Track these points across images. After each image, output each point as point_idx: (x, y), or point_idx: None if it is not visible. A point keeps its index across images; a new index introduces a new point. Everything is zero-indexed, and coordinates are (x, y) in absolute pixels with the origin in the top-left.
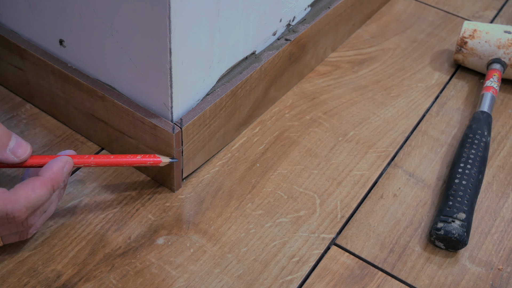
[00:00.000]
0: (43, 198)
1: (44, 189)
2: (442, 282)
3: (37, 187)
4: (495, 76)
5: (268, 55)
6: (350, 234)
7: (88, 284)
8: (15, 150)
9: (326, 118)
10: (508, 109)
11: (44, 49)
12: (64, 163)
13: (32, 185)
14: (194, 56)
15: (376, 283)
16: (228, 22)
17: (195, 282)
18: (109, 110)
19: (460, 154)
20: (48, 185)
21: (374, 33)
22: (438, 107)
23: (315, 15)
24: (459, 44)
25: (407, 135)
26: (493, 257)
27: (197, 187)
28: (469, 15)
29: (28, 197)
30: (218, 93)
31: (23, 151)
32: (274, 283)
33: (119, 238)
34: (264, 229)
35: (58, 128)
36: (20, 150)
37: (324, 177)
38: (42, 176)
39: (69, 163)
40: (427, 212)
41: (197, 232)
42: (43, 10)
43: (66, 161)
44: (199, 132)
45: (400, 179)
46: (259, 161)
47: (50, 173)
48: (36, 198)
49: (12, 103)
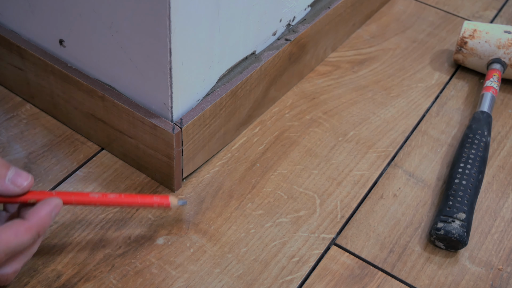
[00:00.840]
0: (25, 244)
1: (28, 235)
2: (442, 282)
3: (21, 233)
4: (495, 76)
5: (268, 55)
6: (350, 234)
7: (88, 284)
8: (15, 179)
9: (326, 118)
10: (508, 109)
11: (44, 49)
12: (53, 207)
13: (16, 230)
14: (194, 56)
15: (376, 283)
16: (228, 22)
17: (195, 282)
18: (109, 110)
19: (460, 154)
20: (33, 232)
21: (374, 33)
22: (438, 107)
23: (315, 15)
24: (459, 44)
25: (407, 135)
26: (493, 257)
27: (197, 187)
28: (469, 15)
29: (9, 243)
30: (218, 93)
31: (23, 179)
32: (274, 283)
33: (119, 238)
34: (264, 229)
35: (58, 128)
36: (20, 179)
37: (324, 177)
38: (28, 220)
39: (58, 206)
40: (427, 212)
41: (197, 232)
42: (43, 10)
43: (55, 205)
44: (199, 132)
45: (400, 179)
46: (259, 161)
47: (37, 218)
48: (18, 245)
49: (12, 103)
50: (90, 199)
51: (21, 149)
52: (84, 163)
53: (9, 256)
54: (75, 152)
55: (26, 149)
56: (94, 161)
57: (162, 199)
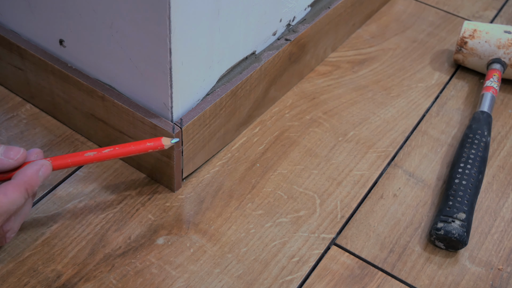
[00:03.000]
0: (17, 202)
1: (16, 192)
2: (442, 282)
3: (10, 191)
4: (495, 76)
5: (268, 55)
6: (350, 234)
7: (88, 284)
8: (7, 153)
9: (326, 118)
10: (508, 109)
11: (44, 49)
12: (39, 166)
13: (4, 190)
14: (194, 56)
15: (376, 283)
16: (228, 22)
17: (195, 282)
18: (109, 110)
19: (460, 154)
20: (21, 189)
21: (374, 33)
22: (438, 107)
23: (315, 15)
24: (459, 44)
25: (407, 135)
26: (493, 257)
27: (197, 187)
28: (469, 15)
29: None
30: (218, 93)
31: (16, 152)
32: (274, 283)
33: (119, 238)
34: (264, 229)
35: (58, 128)
36: (13, 152)
37: (324, 177)
38: (14, 179)
39: (46, 166)
40: (427, 212)
41: (197, 232)
42: (43, 10)
43: (42, 165)
44: (199, 132)
45: (400, 179)
46: (259, 161)
47: (23, 175)
48: (10, 203)
49: (12, 103)
50: (86, 158)
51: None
52: None
53: (4, 216)
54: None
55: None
56: None
57: (155, 142)
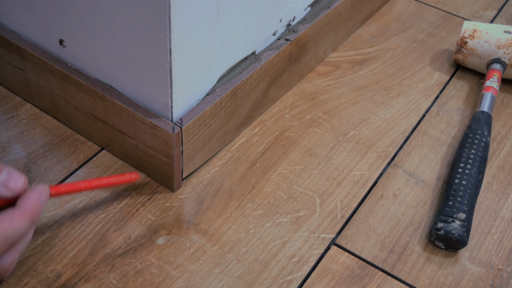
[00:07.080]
0: (21, 231)
1: (23, 220)
2: (442, 282)
3: (16, 220)
4: (495, 76)
5: (268, 55)
6: (350, 234)
7: (88, 284)
8: (7, 182)
9: (326, 118)
10: (508, 109)
11: (44, 49)
12: (41, 192)
13: (10, 218)
14: (194, 56)
15: (376, 283)
16: (228, 22)
17: (195, 282)
18: (109, 110)
19: (460, 154)
20: (27, 217)
21: (374, 33)
22: (438, 107)
23: (315, 15)
24: (459, 44)
25: (407, 135)
26: (493, 257)
27: (197, 187)
28: (469, 15)
29: (5, 230)
30: (218, 93)
31: (16, 182)
32: (274, 283)
33: (119, 238)
34: (264, 229)
35: (58, 128)
36: (12, 182)
37: (324, 177)
38: (20, 207)
39: (45, 191)
40: (427, 212)
41: (197, 232)
42: (43, 10)
43: (42, 190)
44: (199, 132)
45: (400, 179)
46: (259, 161)
47: (28, 203)
48: (14, 231)
49: (12, 103)
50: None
51: (21, 149)
52: (84, 163)
53: (7, 244)
54: (75, 152)
55: (26, 149)
56: (94, 161)
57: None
